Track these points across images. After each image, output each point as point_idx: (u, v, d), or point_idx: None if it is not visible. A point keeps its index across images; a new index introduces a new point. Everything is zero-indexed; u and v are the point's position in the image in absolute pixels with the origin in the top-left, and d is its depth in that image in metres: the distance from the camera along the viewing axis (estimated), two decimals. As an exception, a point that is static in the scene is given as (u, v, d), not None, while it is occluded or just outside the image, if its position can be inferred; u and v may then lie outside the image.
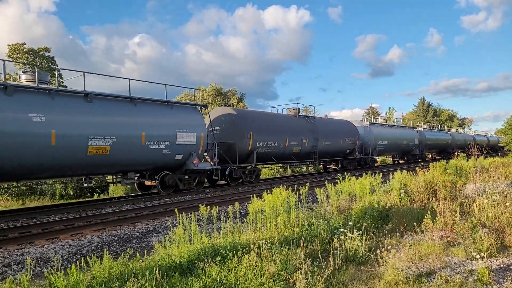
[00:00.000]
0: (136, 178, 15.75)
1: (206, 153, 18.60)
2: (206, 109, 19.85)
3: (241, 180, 20.13)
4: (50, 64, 28.38)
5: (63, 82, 28.45)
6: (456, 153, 45.62)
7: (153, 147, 14.97)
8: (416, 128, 43.49)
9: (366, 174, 11.38)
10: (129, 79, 15.35)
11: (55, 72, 28.87)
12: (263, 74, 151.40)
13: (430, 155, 46.59)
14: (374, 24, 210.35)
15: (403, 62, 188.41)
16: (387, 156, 41.53)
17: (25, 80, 12.84)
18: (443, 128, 55.61)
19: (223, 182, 20.32)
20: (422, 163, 19.57)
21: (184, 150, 16.38)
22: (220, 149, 18.85)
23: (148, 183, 16.51)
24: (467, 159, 20.39)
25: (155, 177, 15.88)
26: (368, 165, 31.80)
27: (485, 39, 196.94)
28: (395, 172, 11.46)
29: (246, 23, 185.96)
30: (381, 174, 11.58)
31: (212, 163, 18.21)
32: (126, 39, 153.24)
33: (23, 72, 13.15)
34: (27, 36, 68.59)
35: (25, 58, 27.23)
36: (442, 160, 13.48)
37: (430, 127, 50.32)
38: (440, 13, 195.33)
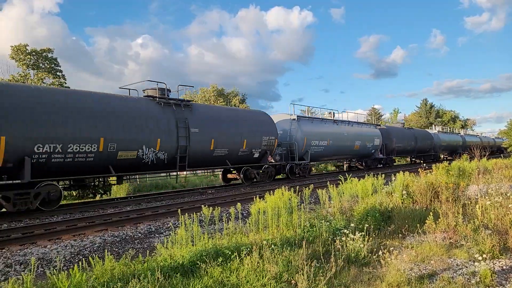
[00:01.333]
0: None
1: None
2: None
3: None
4: (53, 65, 28.47)
5: (65, 83, 28.54)
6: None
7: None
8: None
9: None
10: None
11: (58, 73, 28.98)
12: (265, 75, 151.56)
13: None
14: (377, 25, 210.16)
15: (406, 62, 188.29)
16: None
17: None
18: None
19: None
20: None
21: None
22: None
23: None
24: (470, 160, 20.37)
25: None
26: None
27: (488, 40, 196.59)
28: (397, 174, 11.45)
29: (249, 24, 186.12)
30: (383, 175, 11.57)
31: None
32: (129, 40, 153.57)
33: None
34: (31, 37, 68.91)
35: (28, 59, 27.31)
36: (444, 162, 13.43)
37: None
38: (443, 14, 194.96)
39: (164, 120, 15.75)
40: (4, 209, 12.06)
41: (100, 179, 15.60)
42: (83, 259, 7.20)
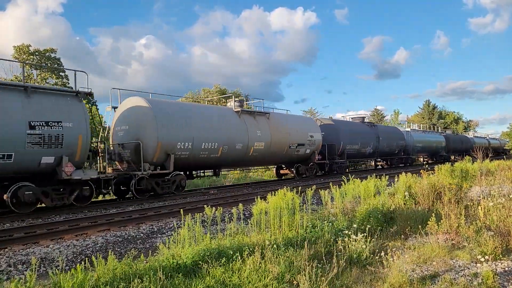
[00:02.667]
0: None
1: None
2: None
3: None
4: (55, 65, 28.54)
5: (68, 83, 28.62)
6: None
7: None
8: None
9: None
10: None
11: (61, 74, 29.04)
12: (269, 76, 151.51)
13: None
14: (380, 26, 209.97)
15: (410, 64, 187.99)
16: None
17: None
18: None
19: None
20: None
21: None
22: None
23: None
24: (473, 162, 20.32)
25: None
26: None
27: (493, 41, 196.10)
28: (400, 175, 11.43)
29: (252, 25, 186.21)
30: (387, 176, 11.55)
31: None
32: (132, 41, 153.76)
33: None
34: (35, 37, 69.16)
35: (31, 60, 27.39)
36: (444, 164, 13.40)
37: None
38: (447, 15, 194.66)
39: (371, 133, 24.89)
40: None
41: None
42: (86, 258, 7.24)
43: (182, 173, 17.09)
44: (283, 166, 24.79)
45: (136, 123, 15.50)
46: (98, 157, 14.48)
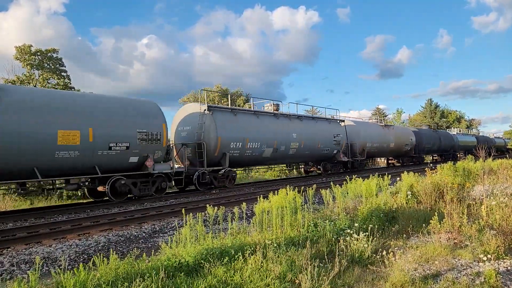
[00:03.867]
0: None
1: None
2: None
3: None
4: (57, 66, 28.57)
5: (70, 83, 28.64)
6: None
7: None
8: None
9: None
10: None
11: (62, 74, 29.08)
12: (270, 75, 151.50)
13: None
14: (383, 25, 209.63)
15: (412, 63, 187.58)
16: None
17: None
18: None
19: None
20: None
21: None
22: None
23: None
24: (475, 161, 20.26)
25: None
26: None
27: (496, 40, 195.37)
28: (402, 174, 11.42)
29: (254, 24, 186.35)
30: (389, 175, 11.53)
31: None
32: (134, 41, 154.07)
33: None
34: (37, 38, 69.36)
35: (33, 60, 27.44)
36: (448, 161, 13.37)
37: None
38: (450, 14, 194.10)
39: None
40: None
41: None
42: (88, 258, 7.26)
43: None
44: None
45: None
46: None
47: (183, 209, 7.44)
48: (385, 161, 39.94)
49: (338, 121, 28.05)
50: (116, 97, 15.37)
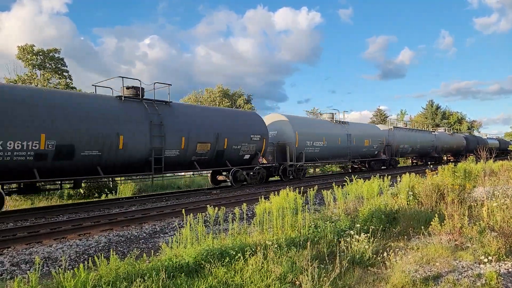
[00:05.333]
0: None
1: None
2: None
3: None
4: (59, 65, 28.61)
5: (71, 83, 28.67)
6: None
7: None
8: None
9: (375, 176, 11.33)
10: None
11: (64, 74, 29.12)
12: (272, 76, 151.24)
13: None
14: (385, 26, 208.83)
15: (414, 63, 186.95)
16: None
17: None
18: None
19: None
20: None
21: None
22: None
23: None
24: (476, 162, 20.25)
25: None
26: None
27: (498, 41, 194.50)
28: (403, 175, 11.40)
29: (256, 25, 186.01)
30: (389, 176, 11.51)
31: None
32: (136, 41, 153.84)
33: None
34: (40, 38, 69.41)
35: (35, 60, 27.48)
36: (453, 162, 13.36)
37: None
38: (452, 15, 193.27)
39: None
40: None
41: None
42: (89, 258, 7.25)
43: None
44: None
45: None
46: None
47: (183, 209, 7.45)
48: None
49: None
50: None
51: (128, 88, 15.43)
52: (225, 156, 18.23)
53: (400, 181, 11.03)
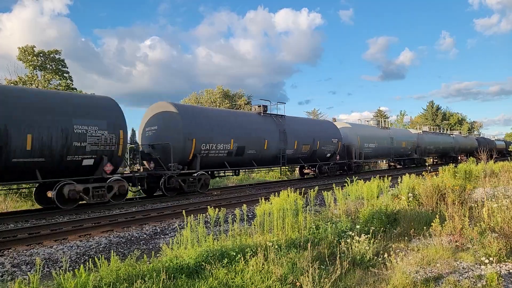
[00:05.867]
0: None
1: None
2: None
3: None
4: (60, 67, 28.62)
5: (72, 84, 28.67)
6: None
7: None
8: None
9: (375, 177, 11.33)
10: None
11: (65, 75, 29.13)
12: (273, 77, 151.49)
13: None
14: (385, 27, 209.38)
15: (415, 64, 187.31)
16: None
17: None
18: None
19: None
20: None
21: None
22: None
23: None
24: (477, 163, 20.22)
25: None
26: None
27: (498, 42, 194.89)
28: (403, 176, 11.39)
29: (257, 26, 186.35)
30: (390, 177, 11.51)
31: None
32: (137, 42, 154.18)
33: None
34: (41, 39, 69.50)
35: (35, 61, 27.49)
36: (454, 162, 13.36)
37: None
38: (452, 16, 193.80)
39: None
40: None
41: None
42: (89, 259, 7.25)
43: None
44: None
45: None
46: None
47: (184, 210, 7.44)
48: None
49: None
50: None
51: (259, 106, 22.07)
52: (316, 154, 24.62)
53: (400, 182, 11.02)
